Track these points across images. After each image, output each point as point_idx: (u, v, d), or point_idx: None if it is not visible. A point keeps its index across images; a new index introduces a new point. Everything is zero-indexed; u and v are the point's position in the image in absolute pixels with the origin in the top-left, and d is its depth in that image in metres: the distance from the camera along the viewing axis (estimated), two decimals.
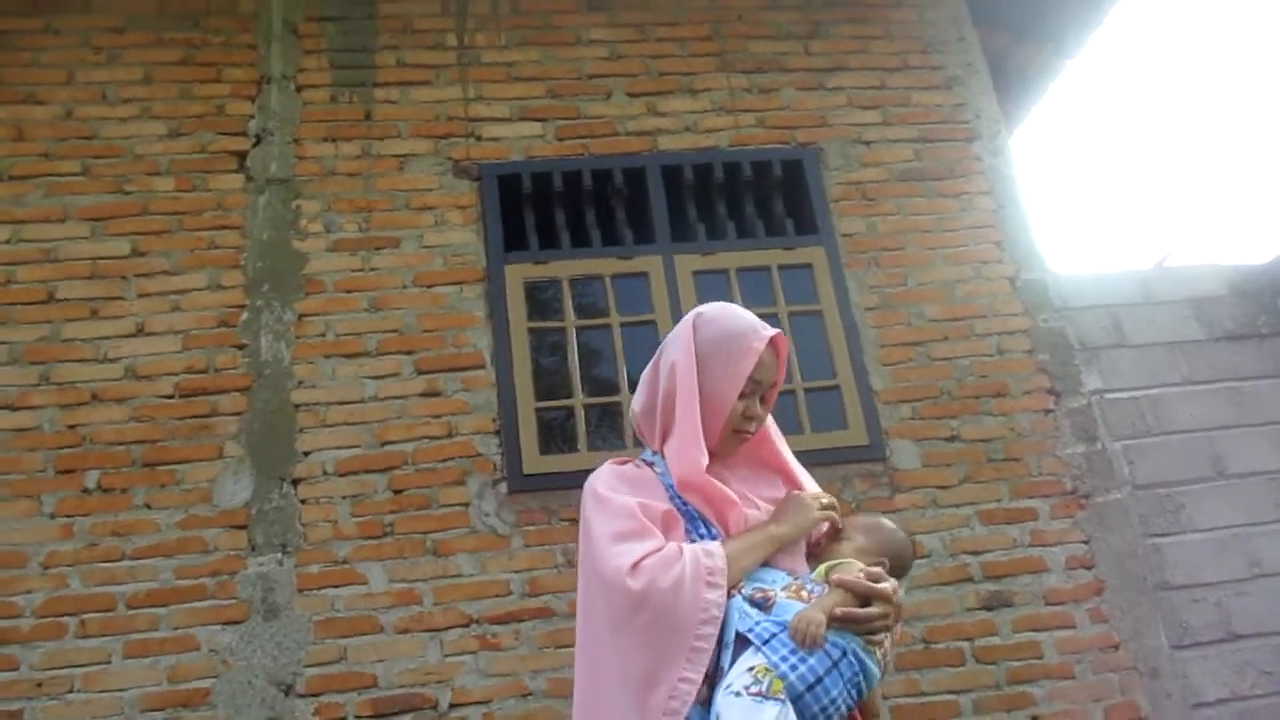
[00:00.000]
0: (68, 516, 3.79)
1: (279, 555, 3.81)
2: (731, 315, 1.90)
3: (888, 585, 1.70)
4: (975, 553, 4.12)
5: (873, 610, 1.67)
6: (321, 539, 3.85)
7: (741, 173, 4.64)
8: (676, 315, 4.24)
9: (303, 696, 3.64)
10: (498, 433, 4.08)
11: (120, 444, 3.91)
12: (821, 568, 1.78)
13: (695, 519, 1.79)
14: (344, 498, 3.92)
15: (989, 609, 4.05)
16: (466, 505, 3.96)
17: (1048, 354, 4.49)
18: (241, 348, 4.10)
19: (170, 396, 4.00)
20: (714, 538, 1.76)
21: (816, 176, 4.69)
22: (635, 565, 1.67)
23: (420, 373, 4.14)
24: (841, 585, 1.69)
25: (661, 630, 1.63)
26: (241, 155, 4.42)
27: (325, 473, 3.95)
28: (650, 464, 1.89)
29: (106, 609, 3.68)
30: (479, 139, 4.57)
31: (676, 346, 1.87)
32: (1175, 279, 4.77)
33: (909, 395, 4.35)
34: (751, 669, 1.61)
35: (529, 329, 4.23)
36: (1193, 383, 4.54)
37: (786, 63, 4.92)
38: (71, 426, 3.91)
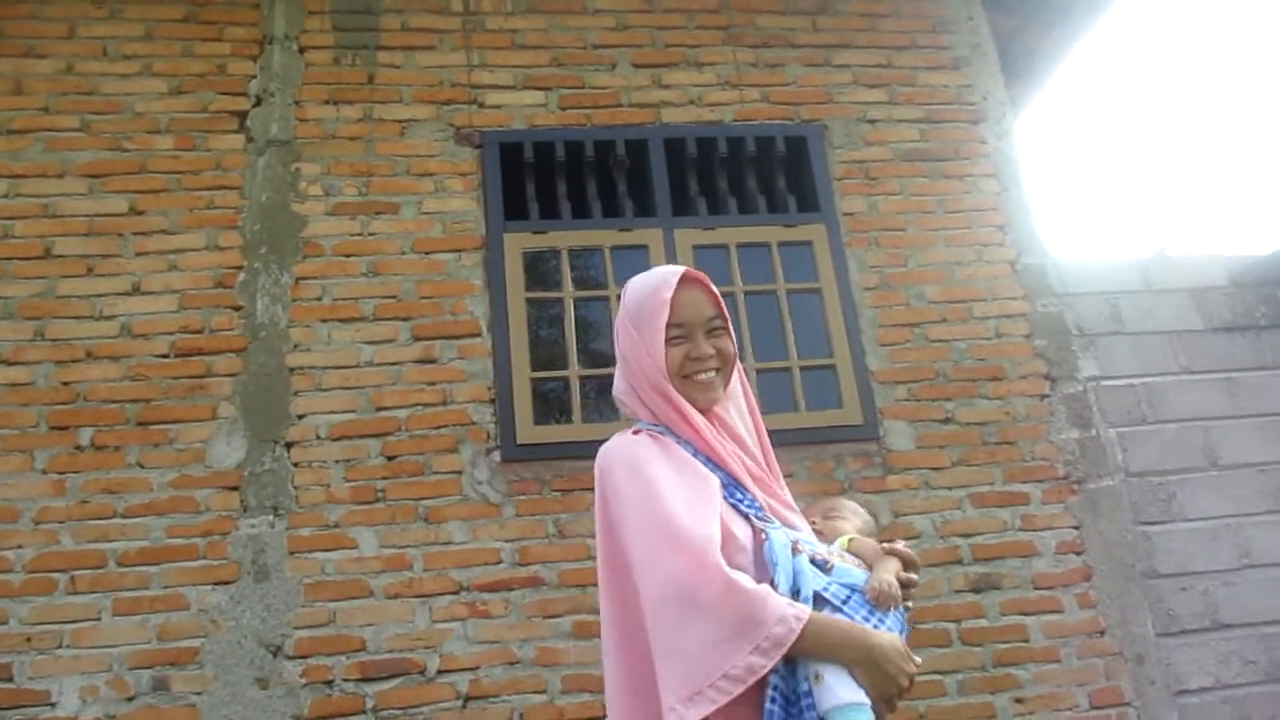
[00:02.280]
0: (60, 473, 3.79)
1: (270, 517, 3.81)
2: (644, 277, 1.89)
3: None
4: (966, 535, 4.13)
5: (915, 576, 1.76)
6: (313, 502, 3.86)
7: (745, 148, 4.62)
8: None
9: (291, 658, 3.66)
10: (493, 401, 4.08)
11: (114, 402, 3.90)
12: (842, 539, 1.83)
13: (730, 485, 1.75)
14: (337, 462, 3.92)
15: (977, 591, 4.07)
16: (459, 473, 3.96)
17: (1045, 339, 4.49)
18: (238, 309, 4.09)
19: (165, 356, 3.99)
20: (752, 502, 1.73)
21: (820, 154, 4.67)
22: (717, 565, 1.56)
23: (417, 339, 4.13)
24: (893, 553, 1.77)
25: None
26: (242, 115, 4.39)
27: (319, 436, 3.95)
28: (662, 433, 1.81)
29: (97, 566, 3.69)
30: (481, 106, 4.54)
31: (618, 327, 1.90)
32: (1175, 268, 4.76)
33: (905, 376, 4.35)
34: None
35: (527, 299, 4.22)
36: (1189, 372, 4.54)
37: (793, 38, 4.89)
38: (66, 383, 3.91)
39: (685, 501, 1.64)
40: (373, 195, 4.33)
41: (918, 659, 1.61)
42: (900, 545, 1.79)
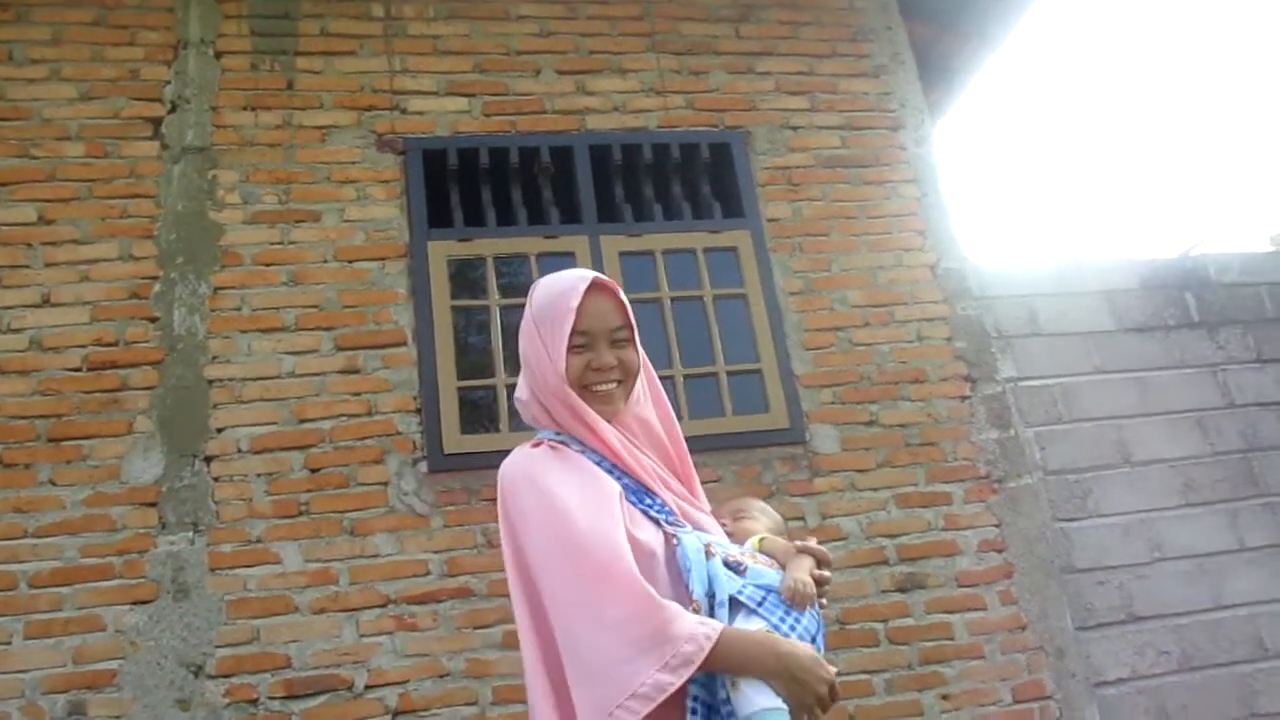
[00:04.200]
0: None
1: (190, 534, 3.72)
2: (554, 279, 1.85)
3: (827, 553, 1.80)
4: (891, 536, 4.20)
5: (828, 574, 1.75)
6: (235, 517, 3.77)
7: (669, 154, 4.64)
8: None
9: (213, 678, 3.57)
10: (418, 411, 4.03)
11: (24, 418, 3.77)
12: (753, 540, 1.82)
13: (639, 491, 1.74)
14: (259, 475, 3.84)
15: (903, 591, 4.13)
16: (385, 484, 3.91)
17: (965, 341, 4.58)
18: (153, 320, 3.98)
19: (78, 369, 3.87)
20: (662, 507, 1.73)
21: (744, 160, 4.71)
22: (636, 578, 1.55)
23: (340, 349, 4.07)
24: (806, 551, 1.76)
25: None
26: (156, 122, 4.28)
27: (240, 450, 3.86)
28: (564, 443, 1.80)
29: (7, 588, 3.56)
30: (404, 112, 4.49)
31: (523, 330, 1.86)
32: (1088, 271, 4.90)
33: (830, 380, 4.40)
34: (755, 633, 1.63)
35: (452, 307, 4.19)
36: (1102, 372, 4.67)
37: (716, 45, 4.92)
38: None
39: (587, 516, 1.62)
40: (293, 203, 4.25)
41: (833, 666, 1.59)
42: (812, 543, 1.79)
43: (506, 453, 1.81)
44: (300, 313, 4.09)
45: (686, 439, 1.96)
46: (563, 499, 1.64)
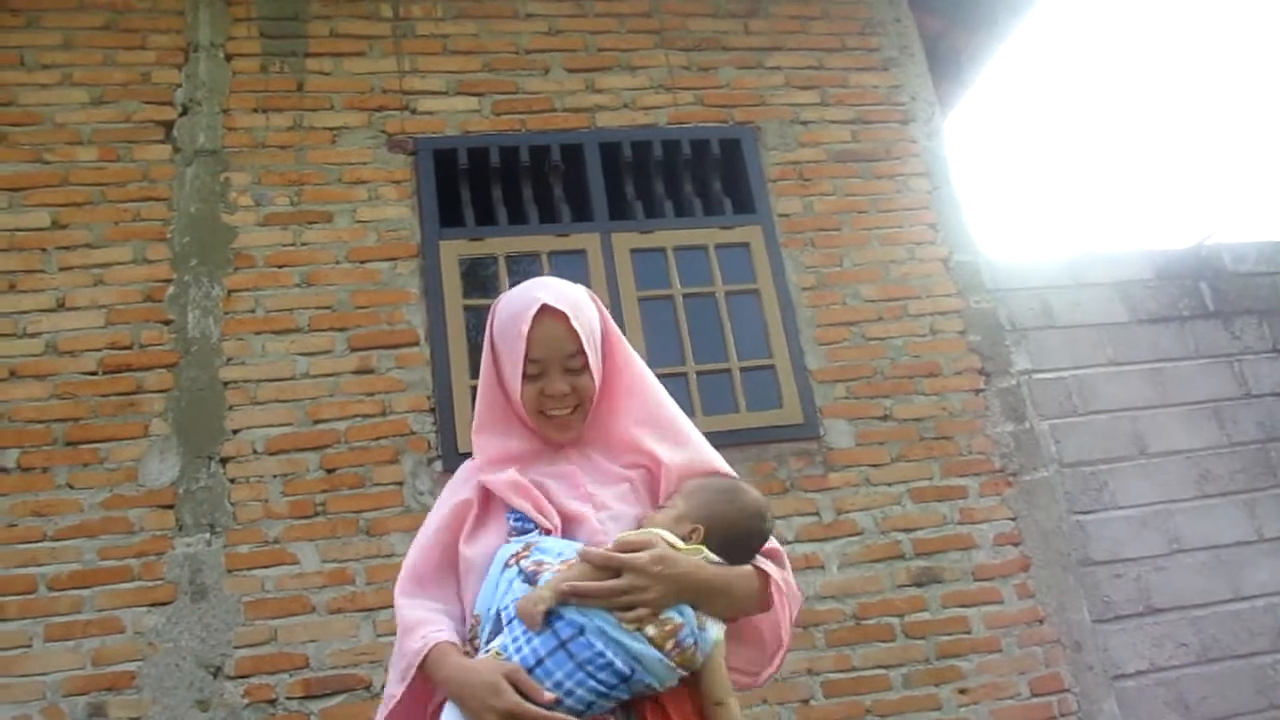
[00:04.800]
0: None
1: (207, 535, 3.74)
2: (513, 299, 1.81)
3: (641, 555, 1.53)
4: (906, 530, 4.19)
5: (613, 583, 1.51)
6: (251, 518, 3.79)
7: (680, 151, 4.64)
8: (614, 294, 4.23)
9: (232, 679, 3.58)
10: (432, 410, 4.04)
11: (41, 422, 3.79)
12: (619, 536, 1.62)
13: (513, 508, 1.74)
14: (275, 477, 3.86)
15: (919, 585, 4.12)
16: (400, 484, 3.92)
17: (979, 334, 4.56)
18: (168, 323, 4.00)
19: (94, 373, 3.89)
20: (520, 518, 1.71)
21: (754, 156, 4.70)
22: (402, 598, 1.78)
23: (353, 350, 4.08)
24: (582, 557, 1.56)
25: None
26: (168, 125, 4.29)
27: (255, 451, 3.88)
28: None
29: (27, 591, 3.58)
30: (414, 112, 4.49)
31: (485, 340, 1.88)
32: (1102, 262, 4.87)
33: (843, 374, 4.40)
34: (488, 650, 1.55)
35: (464, 306, 4.19)
36: (1117, 364, 4.66)
37: (725, 41, 4.92)
38: None
39: (421, 541, 1.84)
40: (305, 204, 4.26)
41: (547, 694, 1.46)
42: (595, 549, 1.57)
43: None
44: (313, 314, 4.10)
45: None
46: (428, 522, 1.87)
